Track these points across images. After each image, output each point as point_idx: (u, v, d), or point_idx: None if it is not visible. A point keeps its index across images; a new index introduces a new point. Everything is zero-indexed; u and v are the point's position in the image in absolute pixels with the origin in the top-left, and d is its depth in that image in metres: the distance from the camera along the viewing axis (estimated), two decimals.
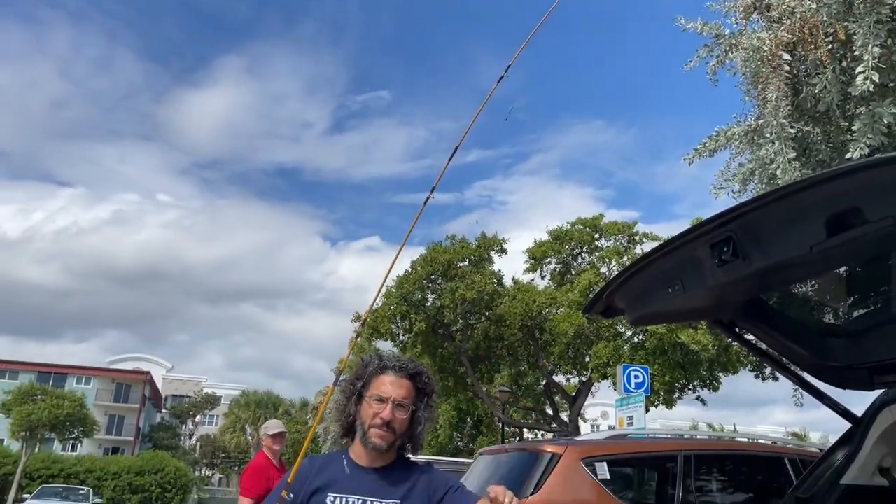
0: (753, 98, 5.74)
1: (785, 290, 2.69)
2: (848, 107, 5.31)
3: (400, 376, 2.19)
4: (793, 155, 5.18)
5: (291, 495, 2.12)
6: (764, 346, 2.98)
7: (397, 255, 2.40)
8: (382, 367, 2.21)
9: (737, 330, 2.83)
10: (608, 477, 4.59)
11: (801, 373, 2.89)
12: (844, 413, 2.90)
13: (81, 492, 20.70)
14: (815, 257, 1.94)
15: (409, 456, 2.30)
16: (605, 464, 4.64)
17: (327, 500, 2.10)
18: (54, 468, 40.88)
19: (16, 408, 36.50)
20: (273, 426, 6.15)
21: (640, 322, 2.79)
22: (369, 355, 2.30)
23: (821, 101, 5.24)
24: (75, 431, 39.14)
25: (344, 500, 2.10)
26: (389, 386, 2.17)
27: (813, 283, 2.59)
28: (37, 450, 39.67)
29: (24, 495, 20.90)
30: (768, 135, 5.30)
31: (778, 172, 5.16)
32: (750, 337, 2.93)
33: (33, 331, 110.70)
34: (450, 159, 2.46)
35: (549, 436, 24.78)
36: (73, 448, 49.08)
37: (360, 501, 2.10)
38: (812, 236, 1.89)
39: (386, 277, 2.46)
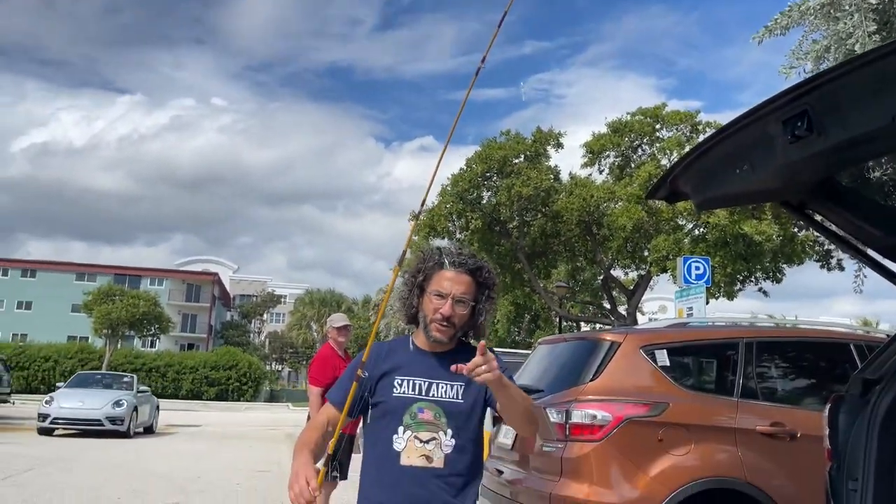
0: None
1: (860, 167, 2.57)
2: None
3: (459, 272, 2.19)
4: (873, 28, 4.83)
5: (366, 373, 2.20)
6: (834, 228, 2.89)
7: (445, 145, 2.36)
8: (441, 262, 2.21)
9: (807, 212, 2.73)
10: (668, 364, 4.61)
11: (873, 255, 2.80)
12: None
13: (126, 379, 17.91)
14: None
15: (472, 342, 2.34)
16: (664, 351, 4.65)
17: (395, 383, 2.18)
18: (136, 362, 43.73)
19: (96, 307, 38.81)
20: (338, 319, 6.33)
21: (705, 206, 2.72)
22: (430, 249, 2.29)
23: None
24: (152, 328, 41.47)
25: (411, 382, 2.17)
26: (449, 282, 2.17)
27: (890, 158, 2.46)
28: (119, 346, 42.31)
29: (59, 384, 18.47)
30: (847, 7, 4.93)
31: (856, 48, 4.83)
32: (819, 219, 2.83)
33: (106, 236, 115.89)
34: (500, 25, 2.35)
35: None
36: (152, 344, 52.11)
37: (426, 384, 2.17)
38: None
39: (437, 167, 2.41)
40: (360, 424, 2.41)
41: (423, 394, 2.16)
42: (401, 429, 2.13)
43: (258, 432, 19.21)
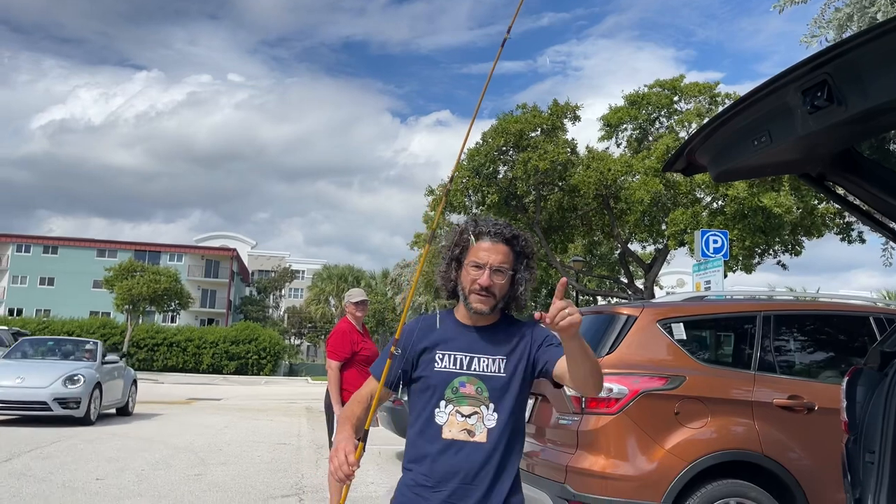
0: None
1: (881, 138, 2.53)
2: None
3: (496, 241, 2.18)
4: None
5: (400, 350, 2.21)
6: (855, 201, 2.85)
7: (474, 115, 2.35)
8: (478, 233, 2.20)
9: (826, 183, 2.70)
10: (685, 338, 4.60)
11: (895, 227, 2.77)
12: None
13: (87, 346, 13.50)
14: None
15: (514, 314, 2.34)
16: (681, 325, 4.63)
17: (436, 357, 2.19)
18: (158, 337, 44.40)
19: (118, 283, 39.32)
20: (356, 294, 6.35)
21: (723, 178, 2.69)
22: (465, 221, 2.29)
23: None
24: (172, 304, 41.93)
25: (452, 356, 2.18)
26: (486, 252, 2.16)
27: None
28: (140, 321, 42.89)
29: None
30: None
31: (878, 16, 4.73)
32: (840, 191, 2.80)
33: (126, 212, 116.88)
34: (521, 1, 2.33)
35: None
36: (173, 320, 52.76)
37: (468, 358, 2.17)
38: None
39: (464, 145, 2.41)
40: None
41: (465, 368, 2.17)
42: (443, 403, 2.15)
43: (278, 406, 19.45)
